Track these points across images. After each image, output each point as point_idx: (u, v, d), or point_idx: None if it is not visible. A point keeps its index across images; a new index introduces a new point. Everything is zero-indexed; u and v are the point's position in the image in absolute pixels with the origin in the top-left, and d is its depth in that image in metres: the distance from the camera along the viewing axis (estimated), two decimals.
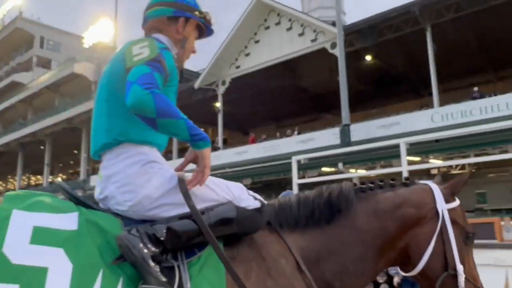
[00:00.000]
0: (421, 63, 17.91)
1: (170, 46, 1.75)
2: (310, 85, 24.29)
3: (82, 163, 32.57)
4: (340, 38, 17.97)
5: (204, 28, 1.87)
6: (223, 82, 23.39)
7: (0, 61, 51.10)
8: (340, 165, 15.18)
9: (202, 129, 1.58)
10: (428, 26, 17.20)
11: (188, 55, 1.86)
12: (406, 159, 5.06)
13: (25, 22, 47.76)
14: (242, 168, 20.69)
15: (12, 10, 49.73)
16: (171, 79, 1.63)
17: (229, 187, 1.67)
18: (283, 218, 1.78)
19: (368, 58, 21.01)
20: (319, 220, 1.79)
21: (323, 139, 17.95)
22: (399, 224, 1.84)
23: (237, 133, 29.92)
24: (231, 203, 1.61)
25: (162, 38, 1.74)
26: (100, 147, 1.62)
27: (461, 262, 1.82)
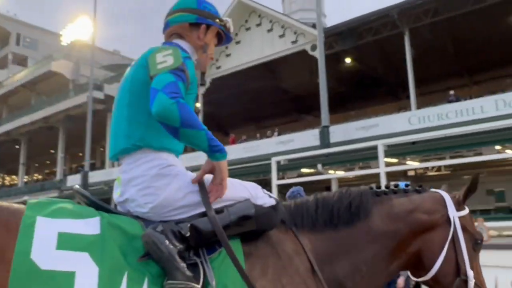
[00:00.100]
0: (399, 66, 18.18)
1: (191, 53, 1.80)
2: (291, 87, 24.41)
3: (59, 163, 31.97)
4: (320, 40, 18.11)
5: (224, 36, 1.93)
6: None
7: None
8: (319, 166, 15.27)
9: None
10: (406, 30, 17.49)
11: (208, 62, 1.91)
12: (384, 161, 5.14)
13: (1, 18, 46.69)
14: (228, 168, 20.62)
15: None
16: (191, 87, 1.68)
17: (246, 186, 1.75)
18: (299, 218, 1.83)
19: (348, 61, 21.23)
20: (337, 224, 1.85)
21: (303, 140, 18.05)
22: (412, 229, 1.91)
23: (217, 134, 29.82)
24: (249, 201, 1.67)
25: (183, 45, 1.79)
26: (119, 151, 1.67)
27: (471, 268, 1.90)
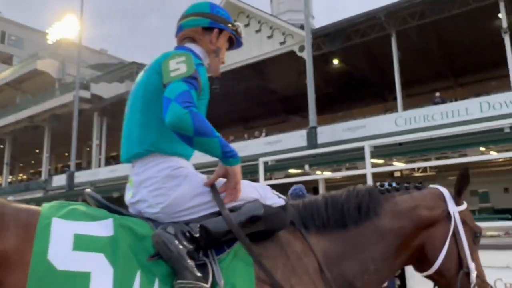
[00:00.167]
0: (386, 68, 18.34)
1: (204, 57, 1.85)
2: (279, 87, 24.44)
3: (44, 163, 31.58)
4: (308, 42, 18.18)
5: (235, 40, 1.98)
6: None
7: None
8: (307, 167, 15.32)
9: None
10: (393, 32, 17.64)
11: (219, 66, 1.95)
12: (371, 162, 5.18)
13: None
14: (209, 169, 20.53)
15: None
16: (203, 93, 1.73)
17: (255, 187, 1.78)
18: (308, 219, 1.84)
19: (335, 62, 21.34)
20: (346, 224, 1.87)
21: (291, 141, 18.10)
22: (416, 225, 1.95)
23: None
24: (258, 201, 1.68)
25: (196, 49, 1.83)
26: (132, 156, 1.71)
27: (472, 260, 1.97)
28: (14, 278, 1.26)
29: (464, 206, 2.07)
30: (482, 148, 13.21)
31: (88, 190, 1.70)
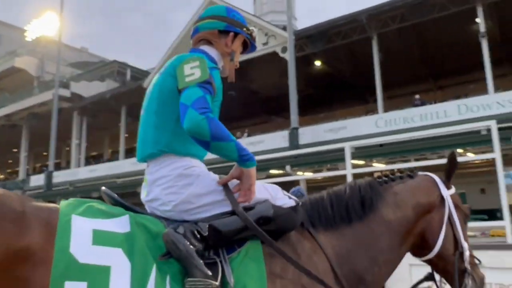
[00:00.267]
0: (367, 70, 18.54)
1: (218, 59, 1.90)
2: (261, 88, 24.47)
3: (22, 162, 31.00)
4: (291, 43, 18.27)
5: (249, 44, 2.03)
6: None
7: None
8: (288, 168, 15.39)
9: None
10: (374, 35, 17.86)
11: (234, 70, 2.00)
12: (351, 163, 5.23)
13: None
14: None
15: None
16: (217, 95, 1.76)
17: (265, 187, 1.80)
18: (316, 217, 1.87)
19: (317, 63, 21.49)
20: (352, 219, 1.90)
21: (273, 142, 18.15)
22: (416, 212, 2.02)
23: None
24: (268, 202, 1.71)
25: (211, 52, 1.89)
26: (147, 156, 1.76)
27: (465, 240, 2.07)
28: (39, 273, 1.30)
29: (453, 190, 2.15)
30: (460, 150, 13.47)
31: (104, 188, 1.74)
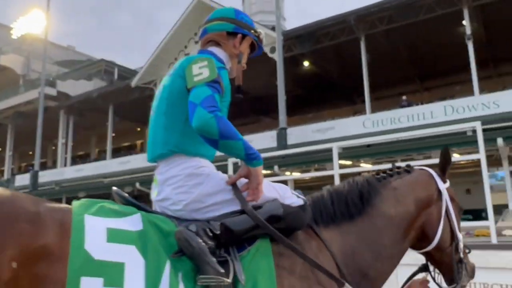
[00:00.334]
0: (355, 71, 18.66)
1: (226, 61, 1.94)
2: (249, 88, 24.37)
3: (7, 162, 30.56)
4: (279, 43, 18.29)
5: (256, 47, 2.08)
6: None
7: None
8: (276, 168, 15.41)
9: (139, 129, 1.63)
10: (362, 36, 17.98)
11: (241, 72, 2.04)
12: (338, 163, 5.27)
13: None
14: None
15: None
16: (225, 95, 1.80)
17: (274, 186, 1.82)
18: (318, 215, 1.89)
19: (306, 64, 21.56)
20: (352, 214, 1.93)
21: (261, 142, 18.13)
22: (417, 206, 2.07)
23: None
24: (277, 201, 1.73)
25: (220, 53, 1.92)
26: (157, 156, 1.79)
27: (459, 231, 2.16)
28: (56, 270, 1.33)
29: (448, 183, 2.21)
30: None
31: (115, 188, 1.76)
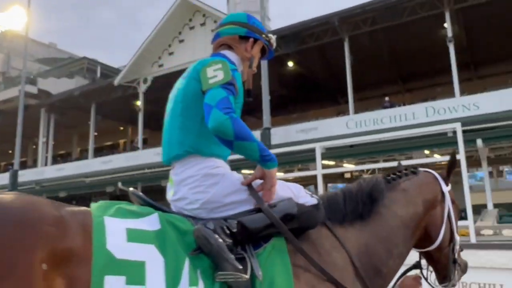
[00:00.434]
0: (339, 72, 18.78)
1: (238, 64, 1.97)
2: None
3: None
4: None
5: (267, 51, 2.13)
6: (145, 80, 22.79)
7: None
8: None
9: (122, 128, 1.63)
10: (346, 37, 18.12)
11: (251, 76, 2.09)
12: (322, 163, 5.32)
13: None
14: (162, 169, 20.29)
15: None
16: (238, 96, 1.84)
17: (288, 186, 1.86)
18: (333, 214, 1.94)
19: (290, 64, 21.62)
20: (364, 213, 1.99)
21: None
22: (424, 206, 2.16)
23: (159, 133, 29.07)
24: (292, 200, 1.77)
25: (232, 56, 1.97)
26: (172, 157, 1.83)
27: (457, 233, 2.26)
28: (81, 270, 1.36)
29: (450, 186, 2.31)
30: (427, 151, 13.84)
31: (132, 189, 1.79)
